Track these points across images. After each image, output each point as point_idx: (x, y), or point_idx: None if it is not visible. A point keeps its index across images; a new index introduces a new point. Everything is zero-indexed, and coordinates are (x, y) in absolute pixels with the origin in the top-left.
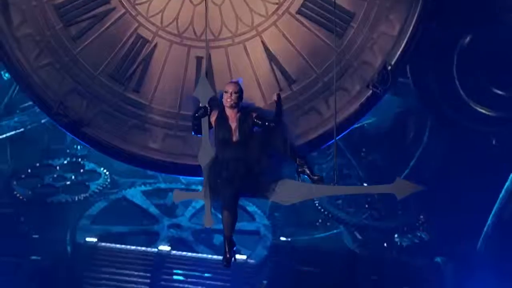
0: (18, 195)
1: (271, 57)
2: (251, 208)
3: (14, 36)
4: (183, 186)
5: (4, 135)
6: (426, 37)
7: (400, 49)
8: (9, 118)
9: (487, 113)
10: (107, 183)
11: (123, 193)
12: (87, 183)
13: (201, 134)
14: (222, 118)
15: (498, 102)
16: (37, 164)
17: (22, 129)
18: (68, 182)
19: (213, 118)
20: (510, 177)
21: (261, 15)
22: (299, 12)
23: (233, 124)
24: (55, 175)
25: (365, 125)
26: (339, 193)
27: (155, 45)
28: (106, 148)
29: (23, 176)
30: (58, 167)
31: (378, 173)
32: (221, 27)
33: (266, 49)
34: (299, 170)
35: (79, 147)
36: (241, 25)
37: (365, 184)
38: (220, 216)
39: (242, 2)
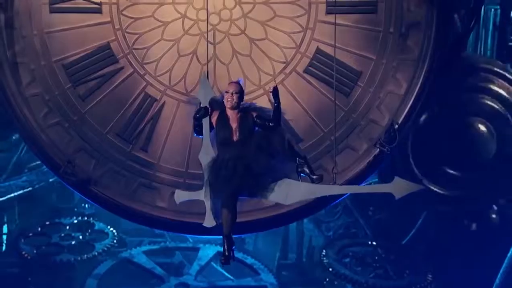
0: (25, 254)
1: None
2: (258, 266)
3: (22, 96)
4: (190, 245)
5: (12, 194)
6: None
7: (407, 108)
8: (17, 178)
9: (441, 192)
10: (114, 241)
11: (130, 252)
12: (94, 242)
13: (202, 134)
14: (223, 118)
15: (452, 182)
16: (47, 223)
17: (30, 188)
18: (75, 241)
19: (214, 118)
20: None
21: (268, 74)
22: (306, 71)
23: (234, 124)
24: (62, 234)
25: (372, 183)
26: (338, 192)
27: (163, 104)
28: (114, 206)
29: (30, 234)
30: (68, 227)
31: (385, 232)
32: None
33: None
34: (299, 169)
35: (87, 205)
36: (248, 84)
37: (374, 243)
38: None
39: (250, 61)
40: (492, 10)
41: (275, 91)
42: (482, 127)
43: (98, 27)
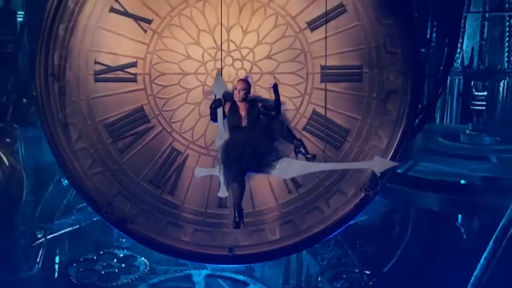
0: (73, 280)
1: None
2: None
3: (72, 149)
4: (209, 272)
5: (63, 231)
6: None
7: (387, 160)
8: (67, 217)
9: None
10: (146, 270)
11: (159, 279)
12: (130, 270)
13: (217, 121)
14: (234, 108)
15: None
16: (91, 254)
17: (77, 226)
18: (115, 269)
19: (226, 108)
20: (478, 266)
21: None
22: (304, 129)
23: (243, 113)
24: (104, 264)
25: (359, 222)
26: (328, 169)
27: (187, 156)
28: (146, 241)
29: (78, 263)
30: (108, 257)
31: (370, 262)
32: None
33: None
34: (296, 150)
35: (124, 240)
36: None
37: (356, 270)
38: None
39: None
40: (457, 79)
41: (275, 87)
42: None
43: (134, 93)
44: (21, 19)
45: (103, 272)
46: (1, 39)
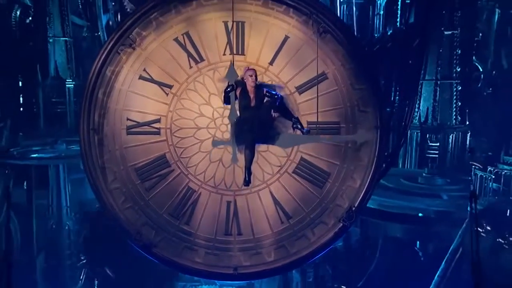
0: None
1: (275, 201)
2: None
3: (108, 189)
4: (217, 286)
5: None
6: None
7: (360, 197)
8: None
9: None
10: None
11: None
12: None
13: (229, 103)
14: (244, 91)
15: None
16: None
17: None
18: None
19: (238, 92)
20: (433, 282)
21: (269, 173)
22: (294, 172)
23: (252, 95)
24: None
25: (338, 246)
26: (319, 141)
27: (200, 194)
28: (168, 262)
29: None
30: None
31: (346, 279)
32: None
33: (273, 196)
34: (294, 126)
35: None
36: (256, 180)
37: (335, 286)
38: None
39: (257, 165)
40: (415, 133)
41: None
42: None
43: (158, 143)
44: (69, 85)
45: None
46: (53, 101)
